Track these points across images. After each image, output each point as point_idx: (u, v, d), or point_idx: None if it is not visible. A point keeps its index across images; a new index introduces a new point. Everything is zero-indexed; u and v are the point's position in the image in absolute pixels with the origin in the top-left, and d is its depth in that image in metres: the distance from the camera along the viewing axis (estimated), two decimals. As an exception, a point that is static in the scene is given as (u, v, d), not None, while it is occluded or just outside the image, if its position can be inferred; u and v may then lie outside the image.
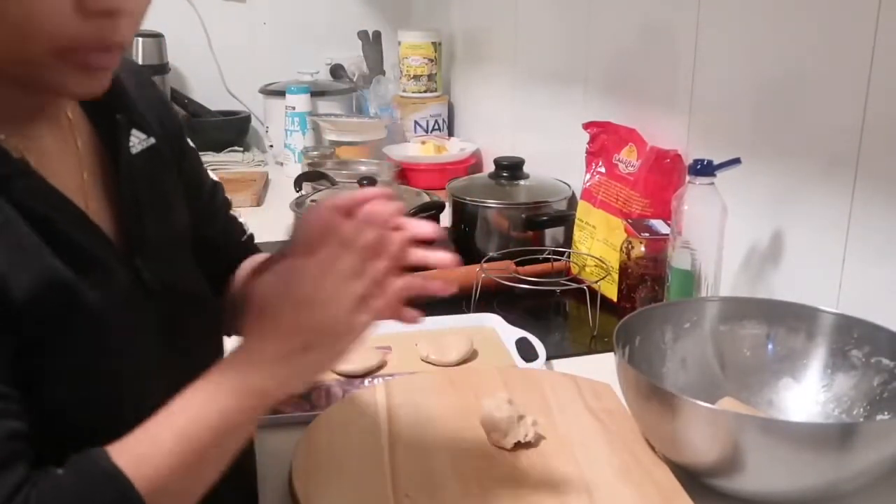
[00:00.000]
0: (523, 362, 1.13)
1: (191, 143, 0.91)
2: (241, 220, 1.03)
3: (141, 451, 0.61)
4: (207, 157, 2.29)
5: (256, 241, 1.03)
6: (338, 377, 1.08)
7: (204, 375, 0.65)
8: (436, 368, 1.12)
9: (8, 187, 0.62)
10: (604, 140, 1.45)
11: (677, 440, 0.84)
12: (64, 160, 0.71)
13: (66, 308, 0.63)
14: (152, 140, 0.79)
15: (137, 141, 0.77)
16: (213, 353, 0.80)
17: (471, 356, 1.15)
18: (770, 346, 1.00)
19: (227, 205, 1.00)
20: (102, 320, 0.66)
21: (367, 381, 1.08)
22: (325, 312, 0.66)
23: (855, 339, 0.94)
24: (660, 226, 1.26)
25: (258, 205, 1.99)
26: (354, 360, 1.09)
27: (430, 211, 1.55)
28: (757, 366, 0.99)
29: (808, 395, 0.96)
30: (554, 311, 1.41)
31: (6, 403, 0.59)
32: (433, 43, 2.24)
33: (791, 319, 0.99)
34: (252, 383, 0.65)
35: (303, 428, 0.93)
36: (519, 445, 0.89)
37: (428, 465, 0.87)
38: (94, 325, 0.65)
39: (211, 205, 0.95)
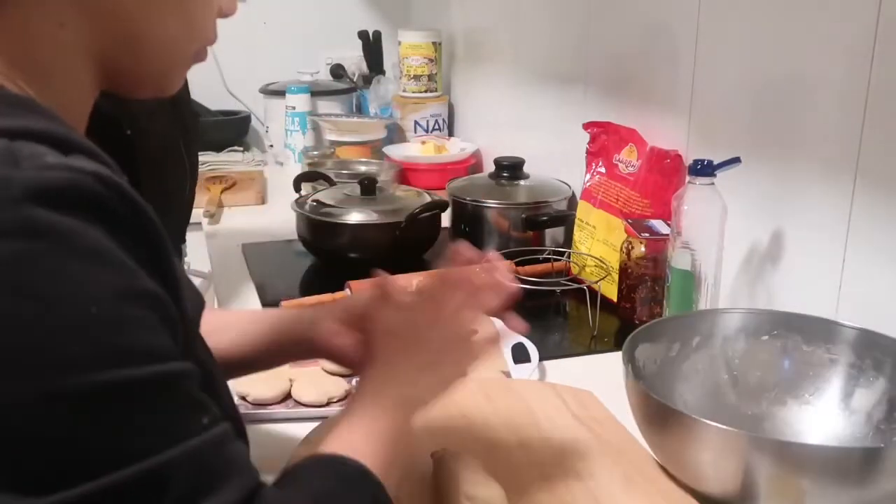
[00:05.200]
0: (514, 366, 1.13)
1: None
2: None
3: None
4: (207, 157, 2.29)
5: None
6: (332, 376, 1.08)
7: (356, 401, 0.70)
8: None
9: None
10: (604, 140, 1.45)
11: (688, 462, 0.81)
12: None
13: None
14: None
15: None
16: None
17: None
18: (786, 362, 0.96)
19: None
20: (195, 321, 0.66)
21: (355, 381, 1.08)
22: (446, 333, 0.76)
23: (876, 355, 0.90)
24: (660, 226, 1.26)
25: (263, 203, 2.00)
26: None
27: (434, 210, 1.55)
28: (771, 382, 0.96)
29: (826, 414, 0.93)
30: (554, 312, 1.41)
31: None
32: (433, 43, 2.24)
33: (808, 333, 0.94)
34: (401, 394, 0.71)
35: (301, 425, 0.93)
36: None
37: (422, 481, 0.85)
38: (194, 327, 0.65)
39: None
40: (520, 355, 1.16)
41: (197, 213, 1.89)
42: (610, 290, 1.33)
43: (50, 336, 0.44)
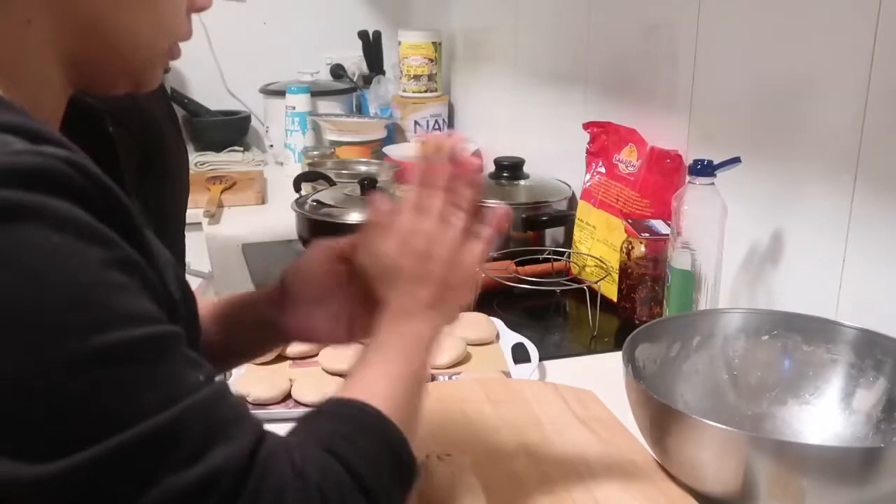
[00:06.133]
0: (514, 366, 1.13)
1: None
2: None
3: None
4: (207, 157, 2.30)
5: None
6: (332, 376, 1.08)
7: (372, 345, 0.68)
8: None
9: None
10: (604, 140, 1.45)
11: (688, 462, 0.81)
12: None
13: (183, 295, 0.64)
14: None
15: None
16: None
17: (463, 359, 1.15)
18: (786, 362, 0.96)
19: None
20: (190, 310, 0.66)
21: None
22: (443, 255, 0.71)
23: (877, 355, 0.89)
24: (660, 226, 1.26)
25: (263, 203, 2.01)
26: (342, 360, 1.08)
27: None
28: (772, 382, 0.96)
29: (826, 414, 0.92)
30: (554, 312, 1.41)
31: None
32: (433, 43, 2.24)
33: (808, 333, 0.94)
34: (416, 333, 0.69)
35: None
36: None
37: None
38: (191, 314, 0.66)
39: None
40: (520, 355, 1.16)
41: (197, 213, 1.90)
42: (610, 290, 1.33)
43: (43, 309, 0.46)
